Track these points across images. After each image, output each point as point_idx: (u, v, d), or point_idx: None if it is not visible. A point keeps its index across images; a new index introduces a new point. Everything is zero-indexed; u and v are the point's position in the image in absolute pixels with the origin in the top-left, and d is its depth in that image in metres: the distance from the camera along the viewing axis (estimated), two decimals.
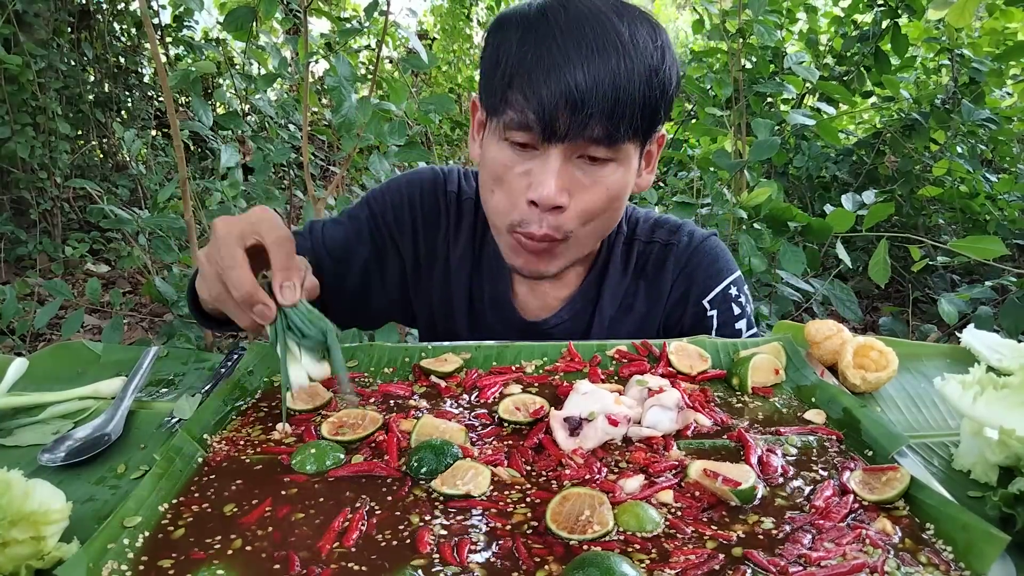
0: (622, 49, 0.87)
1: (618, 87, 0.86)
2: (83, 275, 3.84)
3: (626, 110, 0.88)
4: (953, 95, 3.44)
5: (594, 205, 0.95)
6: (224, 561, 0.56)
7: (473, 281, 1.18)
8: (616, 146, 0.91)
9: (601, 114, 0.87)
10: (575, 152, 0.91)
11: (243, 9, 1.96)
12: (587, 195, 0.94)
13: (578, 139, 0.89)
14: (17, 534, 0.56)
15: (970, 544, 0.57)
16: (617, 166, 0.94)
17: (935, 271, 3.42)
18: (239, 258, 0.76)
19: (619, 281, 1.16)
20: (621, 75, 0.86)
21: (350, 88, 1.90)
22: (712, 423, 0.78)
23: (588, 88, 0.85)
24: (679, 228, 1.18)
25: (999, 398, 0.73)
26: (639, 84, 0.88)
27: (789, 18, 3.28)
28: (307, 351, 0.77)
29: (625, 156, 0.94)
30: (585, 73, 0.86)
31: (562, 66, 0.86)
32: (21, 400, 0.85)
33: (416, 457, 0.69)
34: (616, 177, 0.95)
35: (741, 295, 1.15)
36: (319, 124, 3.74)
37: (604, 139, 0.89)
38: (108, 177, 4.23)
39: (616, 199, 0.97)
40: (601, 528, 0.60)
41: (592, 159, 0.92)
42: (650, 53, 0.89)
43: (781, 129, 3.19)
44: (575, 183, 0.93)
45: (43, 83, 3.67)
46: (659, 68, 0.90)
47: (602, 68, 0.86)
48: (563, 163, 0.91)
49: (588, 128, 0.87)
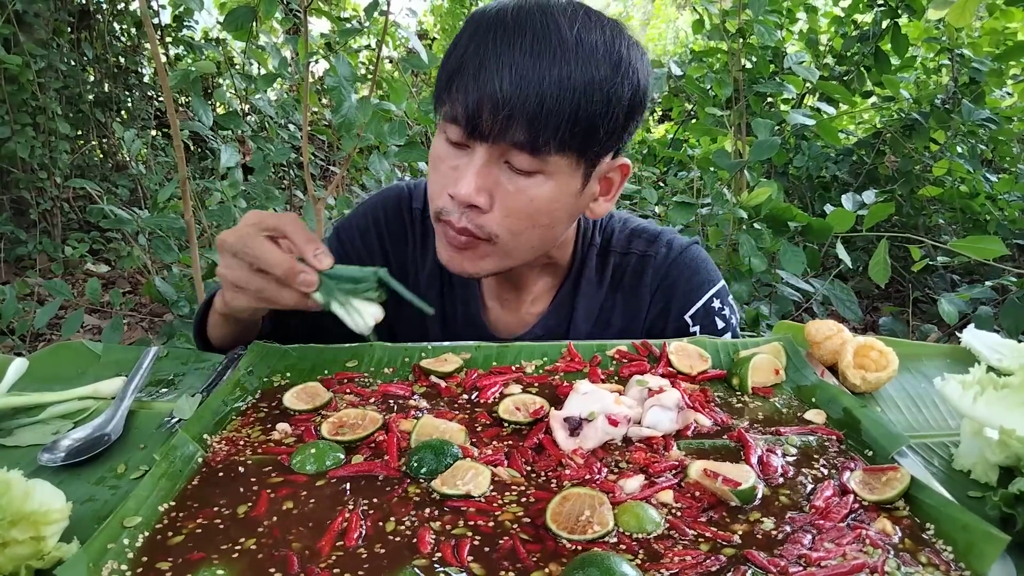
0: (560, 55, 0.83)
1: (544, 93, 0.83)
2: (83, 275, 3.84)
3: (551, 119, 0.84)
4: (953, 95, 3.44)
5: (517, 214, 0.91)
6: (224, 561, 0.56)
7: (445, 300, 1.15)
8: (541, 156, 0.87)
9: (523, 119, 0.84)
10: (501, 155, 0.88)
11: (243, 9, 1.96)
12: (510, 202, 0.90)
13: (500, 141, 0.86)
14: (17, 534, 0.56)
15: (970, 544, 0.57)
16: (545, 179, 0.89)
17: (935, 271, 3.42)
18: (267, 244, 0.81)
19: (594, 295, 1.12)
20: (550, 82, 0.83)
21: (350, 88, 1.90)
22: (712, 423, 0.78)
23: (511, 90, 0.83)
24: (657, 238, 1.14)
25: (999, 398, 0.73)
26: (572, 94, 0.83)
27: (789, 18, 3.28)
28: (361, 300, 0.83)
29: (556, 170, 0.89)
30: (511, 74, 0.83)
31: (492, 65, 0.84)
32: (21, 400, 0.85)
33: (416, 457, 0.69)
34: (543, 191, 0.90)
35: (725, 307, 1.12)
36: (319, 124, 3.74)
37: (527, 145, 0.86)
38: (108, 177, 4.23)
39: (545, 214, 0.92)
40: (601, 528, 0.60)
41: (517, 169, 0.88)
42: (596, 64, 0.84)
43: (781, 129, 3.19)
44: (499, 188, 0.90)
45: (43, 83, 3.67)
46: (606, 81, 0.85)
47: (531, 71, 0.83)
48: (487, 164, 0.88)
49: (510, 132, 0.85)
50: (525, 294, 1.13)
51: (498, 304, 1.15)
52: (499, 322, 1.15)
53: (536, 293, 1.14)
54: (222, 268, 0.85)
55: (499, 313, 1.15)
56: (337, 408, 0.80)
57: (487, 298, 1.15)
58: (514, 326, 1.14)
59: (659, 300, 1.12)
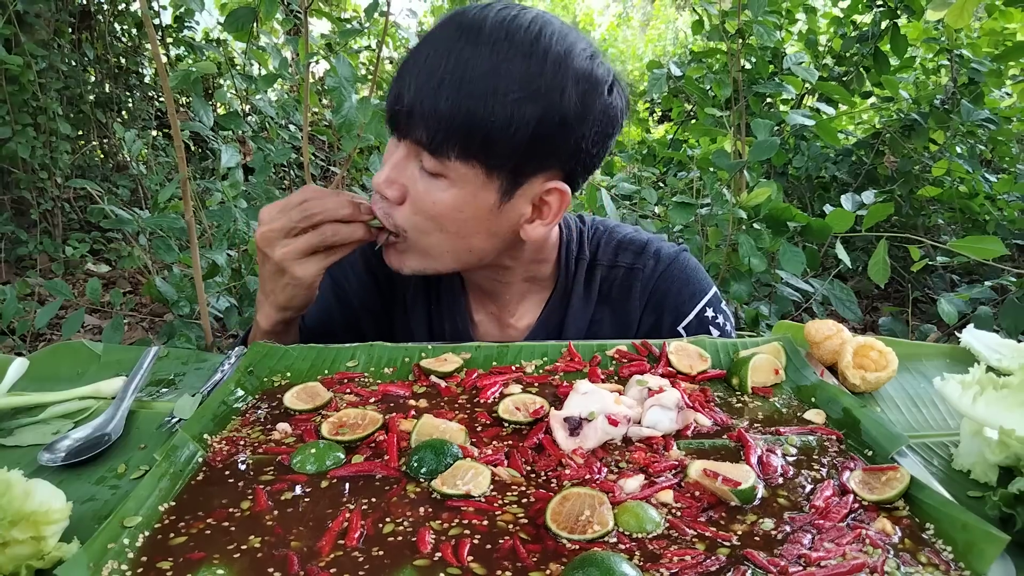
0: (470, 65, 0.84)
1: (440, 96, 0.84)
2: (83, 275, 3.84)
3: (443, 122, 0.85)
4: (952, 95, 3.44)
5: (423, 214, 0.92)
6: (224, 561, 0.57)
7: (433, 318, 1.16)
8: (441, 159, 0.88)
9: (421, 118, 0.86)
10: (416, 154, 0.91)
11: (243, 10, 1.96)
12: (417, 201, 0.92)
13: (407, 138, 0.91)
14: (17, 534, 0.56)
15: (970, 544, 0.57)
16: (449, 185, 0.90)
17: (935, 271, 3.42)
18: (320, 199, 0.93)
19: (583, 308, 1.11)
20: (450, 86, 0.84)
21: (350, 88, 1.90)
22: (712, 423, 0.78)
23: (415, 89, 0.86)
24: (644, 249, 1.12)
25: (999, 398, 0.73)
26: (468, 101, 0.84)
27: (788, 19, 3.28)
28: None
29: (459, 178, 0.89)
30: (419, 75, 0.86)
31: (414, 64, 0.88)
32: (21, 400, 0.86)
33: (416, 457, 0.69)
34: (446, 196, 0.90)
35: (718, 314, 1.11)
36: (319, 124, 3.74)
37: (427, 146, 0.88)
38: (108, 177, 4.23)
39: (450, 221, 0.92)
40: (601, 528, 0.60)
41: (427, 170, 0.91)
42: (516, 80, 0.84)
43: (781, 129, 3.19)
44: (412, 184, 0.92)
45: (44, 83, 3.67)
46: (509, 98, 0.84)
47: (435, 74, 0.85)
48: (405, 159, 0.92)
49: (414, 130, 0.88)
50: (509, 308, 1.13)
51: (486, 318, 1.15)
52: (488, 337, 1.14)
53: (522, 308, 1.13)
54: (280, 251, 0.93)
55: (487, 328, 1.15)
56: (337, 408, 0.80)
57: (474, 313, 1.15)
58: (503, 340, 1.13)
59: (650, 313, 1.11)
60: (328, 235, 0.93)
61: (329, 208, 0.93)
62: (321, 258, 0.95)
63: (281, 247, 0.93)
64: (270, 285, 0.97)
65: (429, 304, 1.16)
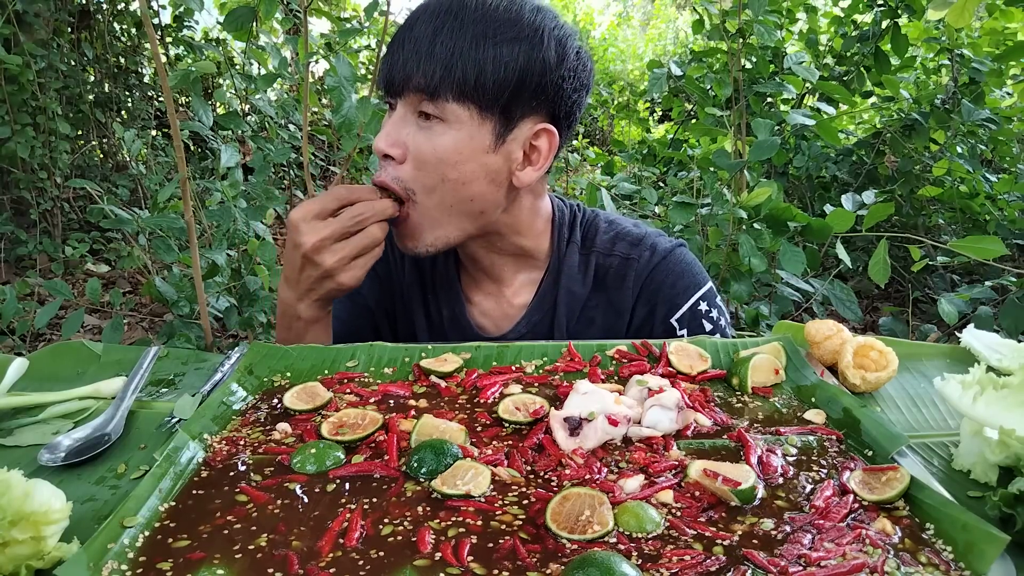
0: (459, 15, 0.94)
1: (435, 42, 0.93)
2: (83, 275, 3.84)
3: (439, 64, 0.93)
4: (953, 95, 3.43)
5: (425, 165, 0.97)
6: (224, 561, 0.56)
7: (429, 304, 1.19)
8: (438, 102, 0.95)
9: (418, 64, 0.93)
10: (412, 108, 0.97)
11: (243, 9, 1.96)
12: (418, 151, 0.97)
13: (406, 90, 0.96)
14: (17, 534, 0.56)
15: (970, 544, 0.57)
16: (447, 127, 0.96)
17: (935, 271, 3.42)
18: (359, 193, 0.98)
19: (577, 291, 1.14)
20: (446, 33, 0.93)
21: (350, 88, 1.90)
22: (712, 423, 0.78)
23: (413, 43, 0.94)
24: (640, 242, 1.15)
25: (999, 398, 0.73)
26: (461, 42, 0.93)
27: (789, 18, 3.28)
28: None
29: (456, 119, 0.96)
30: (415, 32, 0.95)
31: (406, 30, 0.97)
32: (21, 400, 0.86)
33: (416, 457, 0.69)
34: (444, 140, 0.96)
35: (713, 309, 1.13)
36: (319, 124, 3.74)
37: (424, 89, 0.94)
38: (108, 177, 4.23)
39: (451, 166, 0.97)
40: (601, 528, 0.60)
41: (424, 115, 0.96)
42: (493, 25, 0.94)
43: (781, 129, 3.18)
44: (412, 139, 0.97)
45: (43, 83, 3.67)
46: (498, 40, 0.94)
47: (429, 26, 0.94)
48: (402, 118, 0.98)
49: (412, 79, 0.94)
50: (505, 285, 1.15)
51: (483, 298, 1.17)
52: (485, 318, 1.17)
53: (517, 285, 1.16)
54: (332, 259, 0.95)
55: (484, 307, 1.17)
56: (337, 408, 0.80)
57: (471, 294, 1.17)
58: (499, 320, 1.16)
59: (643, 304, 1.13)
60: (377, 236, 0.97)
61: (379, 209, 0.97)
62: (365, 261, 0.98)
63: (331, 255, 0.95)
64: (308, 285, 0.99)
65: (425, 293, 1.19)
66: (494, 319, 1.16)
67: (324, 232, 0.94)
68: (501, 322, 1.16)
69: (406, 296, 1.20)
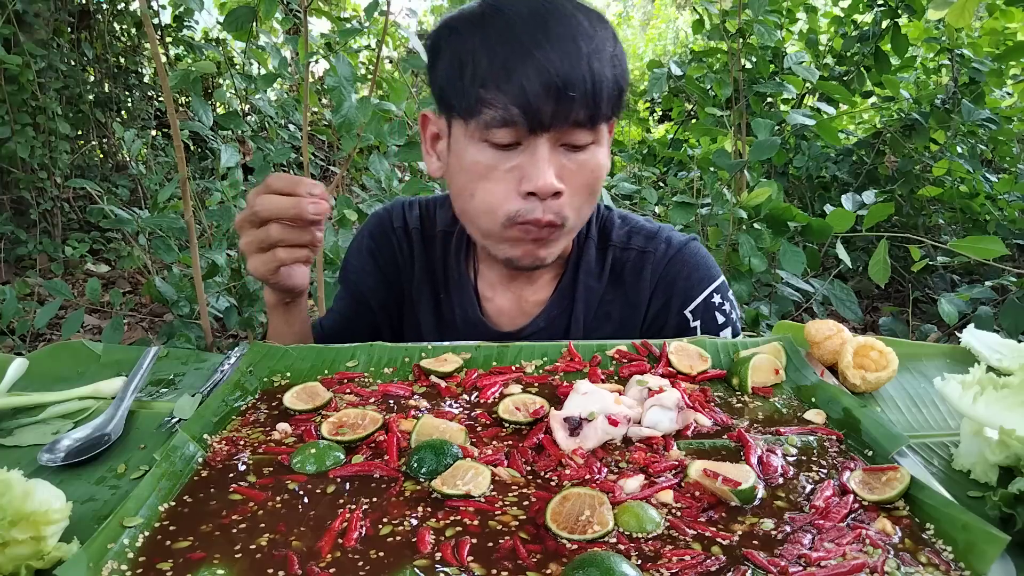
0: (585, 34, 0.91)
1: (593, 69, 0.90)
2: (83, 275, 3.84)
3: (602, 90, 0.91)
4: (953, 95, 3.43)
5: (581, 191, 0.97)
6: (224, 561, 0.56)
7: (442, 305, 1.18)
8: (597, 127, 0.94)
9: (583, 97, 0.89)
10: (559, 140, 0.93)
11: (243, 9, 1.96)
12: (576, 180, 0.95)
13: (563, 125, 0.91)
14: (17, 534, 0.56)
15: (970, 544, 0.57)
16: (597, 147, 0.97)
17: (935, 271, 3.42)
18: (271, 196, 0.90)
19: (594, 286, 1.14)
20: (592, 57, 0.90)
21: (350, 88, 1.90)
22: (712, 423, 0.78)
23: (568, 73, 0.88)
24: (656, 235, 1.16)
25: (999, 398, 0.73)
26: (607, 64, 0.92)
27: (789, 18, 3.28)
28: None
29: (602, 136, 0.97)
30: (561, 59, 0.88)
31: (538, 56, 0.88)
32: (21, 400, 0.85)
33: (416, 457, 0.69)
34: (598, 158, 0.97)
35: (725, 302, 1.13)
36: (319, 124, 3.74)
37: (587, 122, 0.92)
38: (108, 177, 4.23)
39: (600, 180, 0.99)
40: (601, 528, 0.60)
41: (574, 146, 0.94)
42: (603, 38, 0.93)
43: (781, 129, 3.19)
44: (564, 170, 0.94)
45: (43, 83, 3.67)
46: (614, 51, 0.94)
47: (575, 53, 0.89)
48: (552, 151, 0.93)
49: (573, 113, 0.90)
50: (527, 283, 1.15)
51: (499, 296, 1.16)
52: (501, 315, 1.16)
53: (540, 281, 1.15)
54: (241, 241, 0.94)
55: (502, 304, 1.16)
56: (337, 408, 0.80)
57: (488, 292, 1.16)
58: (516, 316, 1.15)
59: (659, 296, 1.13)
60: (274, 235, 0.92)
61: (275, 206, 0.90)
62: (269, 258, 0.93)
63: (244, 237, 0.95)
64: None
65: (437, 293, 1.18)
66: (511, 316, 1.16)
67: (245, 212, 0.93)
68: (518, 319, 1.15)
69: (415, 297, 1.19)
